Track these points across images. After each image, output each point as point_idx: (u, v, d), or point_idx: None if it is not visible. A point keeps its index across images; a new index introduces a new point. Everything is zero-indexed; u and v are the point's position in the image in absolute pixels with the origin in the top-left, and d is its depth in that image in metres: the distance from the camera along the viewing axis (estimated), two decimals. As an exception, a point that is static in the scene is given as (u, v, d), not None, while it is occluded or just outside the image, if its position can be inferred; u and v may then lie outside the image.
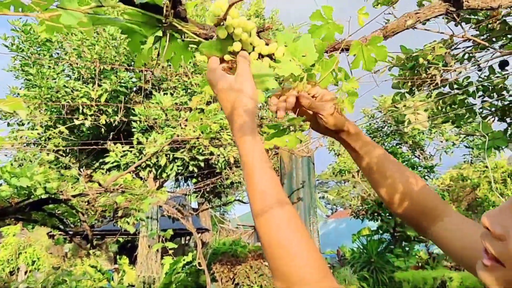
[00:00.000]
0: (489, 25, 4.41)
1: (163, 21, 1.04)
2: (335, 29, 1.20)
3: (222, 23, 1.07)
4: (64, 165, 8.71)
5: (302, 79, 1.10)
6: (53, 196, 3.35)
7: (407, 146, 13.86)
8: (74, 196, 3.35)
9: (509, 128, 4.97)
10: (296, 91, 1.09)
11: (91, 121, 7.10)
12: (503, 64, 4.51)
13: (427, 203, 0.97)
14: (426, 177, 12.18)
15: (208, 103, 3.07)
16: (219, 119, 3.19)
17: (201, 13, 9.20)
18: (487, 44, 4.07)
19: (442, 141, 14.15)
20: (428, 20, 1.38)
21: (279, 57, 1.11)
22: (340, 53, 1.28)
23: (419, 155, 14.05)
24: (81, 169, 3.13)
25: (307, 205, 3.59)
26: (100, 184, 3.38)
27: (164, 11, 1.04)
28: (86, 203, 3.69)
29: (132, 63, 9.50)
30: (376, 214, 10.58)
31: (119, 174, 3.68)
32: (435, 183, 12.35)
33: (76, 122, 3.09)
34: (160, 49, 1.14)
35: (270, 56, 1.10)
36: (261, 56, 1.13)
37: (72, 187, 3.52)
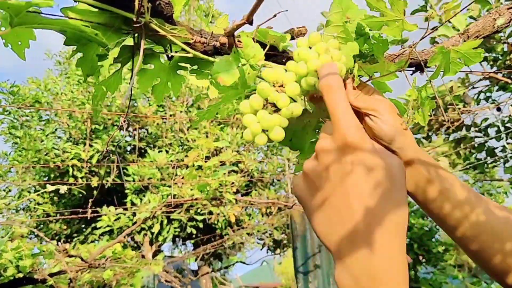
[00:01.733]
0: (507, 62, 4.07)
1: (135, 20, 0.63)
2: (402, 27, 0.79)
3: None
4: (51, 234, 8.15)
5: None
6: (27, 275, 2.82)
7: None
8: (51, 275, 2.83)
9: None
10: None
11: (78, 185, 6.64)
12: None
13: None
14: (437, 227, 11.56)
15: (206, 159, 2.64)
16: (219, 177, 2.75)
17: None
18: (509, 81, 3.73)
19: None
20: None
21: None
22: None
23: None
24: (59, 243, 2.64)
25: (325, 273, 3.08)
26: (82, 259, 2.87)
27: (136, 6, 0.63)
28: (68, 282, 3.15)
29: (126, 122, 9.16)
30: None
31: (106, 245, 3.18)
32: (446, 232, 11.76)
33: (61, 191, 2.69)
34: (134, 70, 0.72)
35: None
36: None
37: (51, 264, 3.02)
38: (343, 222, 0.49)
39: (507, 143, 3.83)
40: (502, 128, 4.01)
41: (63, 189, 2.73)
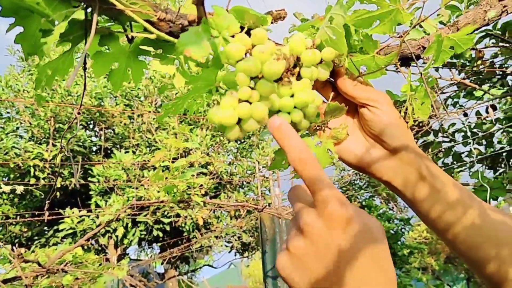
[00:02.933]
0: (474, 68, 4.13)
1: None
2: (396, 20, 0.73)
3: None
4: (11, 237, 7.81)
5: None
6: (-22, 282, 2.65)
7: (380, 198, 13.47)
8: (5, 281, 2.65)
9: (499, 177, 4.59)
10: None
11: (34, 185, 6.37)
12: (494, 107, 4.23)
13: None
14: (403, 230, 11.72)
15: (174, 160, 2.53)
16: (187, 178, 2.64)
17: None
18: (477, 87, 3.77)
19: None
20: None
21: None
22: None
23: (393, 207, 13.65)
24: (14, 247, 2.48)
25: (295, 276, 2.99)
26: (39, 264, 2.71)
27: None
28: (24, 288, 2.97)
29: (92, 121, 8.91)
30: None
31: (66, 249, 3.01)
32: (411, 236, 11.94)
33: (18, 191, 2.53)
34: (86, 51, 0.62)
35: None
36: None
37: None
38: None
39: (474, 148, 3.88)
40: (469, 133, 4.06)
41: (19, 189, 2.56)
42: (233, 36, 0.59)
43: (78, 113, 0.72)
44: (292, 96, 0.60)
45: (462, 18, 0.84)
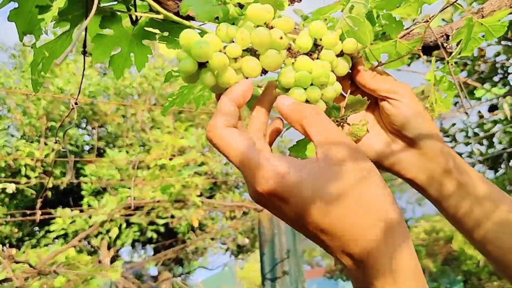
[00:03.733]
0: (475, 67, 4.11)
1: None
2: (422, 1, 0.68)
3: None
4: (1, 237, 7.70)
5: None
6: (-34, 284, 2.57)
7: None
8: (-5, 283, 2.57)
9: (499, 178, 4.58)
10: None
11: (25, 183, 6.28)
12: (492, 109, 4.21)
13: None
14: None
15: (171, 158, 2.46)
16: (185, 177, 2.57)
17: None
18: (479, 86, 3.74)
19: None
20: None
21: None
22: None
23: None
24: (4, 248, 2.40)
25: (293, 279, 2.93)
26: (31, 265, 2.63)
27: None
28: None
29: (85, 120, 8.82)
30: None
31: (58, 250, 2.94)
32: (408, 237, 11.98)
33: (9, 190, 2.47)
34: (87, 34, 0.55)
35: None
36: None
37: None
38: (378, 220, 0.40)
39: (477, 149, 3.85)
40: (470, 133, 4.04)
41: (10, 188, 2.48)
42: (241, 6, 0.53)
43: (76, 103, 0.65)
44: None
45: (487, 5, 0.78)
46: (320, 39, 0.56)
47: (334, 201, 0.39)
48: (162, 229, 7.61)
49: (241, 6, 0.51)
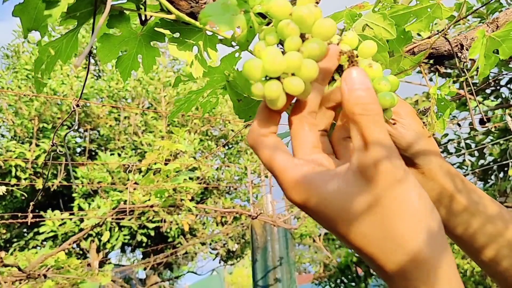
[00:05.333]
0: (467, 79, 4.12)
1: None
2: (437, 14, 0.66)
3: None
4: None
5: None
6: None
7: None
8: (-18, 287, 2.52)
9: (489, 190, 4.61)
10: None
11: (15, 185, 6.20)
12: (483, 121, 4.24)
13: None
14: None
15: (166, 162, 2.43)
16: (180, 182, 2.54)
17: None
18: (471, 98, 3.76)
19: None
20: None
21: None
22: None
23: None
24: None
25: (285, 287, 2.90)
26: (20, 269, 2.58)
27: None
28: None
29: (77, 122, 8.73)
30: (339, 281, 9.91)
31: (48, 253, 2.89)
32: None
33: (0, 192, 2.43)
34: (94, 33, 0.53)
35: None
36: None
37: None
38: (408, 237, 0.36)
39: (469, 160, 3.87)
40: (462, 144, 4.05)
41: (1, 190, 2.44)
42: (263, 16, 0.51)
43: (77, 105, 0.64)
44: None
45: (502, 15, 0.77)
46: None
47: (360, 216, 0.37)
48: (152, 233, 7.55)
49: (262, 15, 0.49)
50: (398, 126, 0.60)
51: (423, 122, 0.67)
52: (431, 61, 0.78)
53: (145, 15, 0.58)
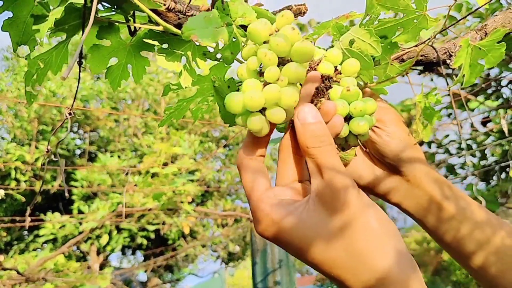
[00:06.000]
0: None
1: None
2: (421, 27, 0.67)
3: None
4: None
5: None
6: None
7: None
8: (-19, 290, 2.52)
9: (491, 190, 4.60)
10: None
11: (15, 188, 6.21)
12: (484, 123, 4.24)
13: None
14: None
15: (164, 165, 2.44)
16: (178, 185, 2.55)
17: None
18: (472, 98, 3.76)
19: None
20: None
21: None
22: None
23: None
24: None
25: (285, 290, 2.91)
26: (19, 272, 2.58)
27: None
28: (1, 297, 2.84)
29: (77, 124, 8.75)
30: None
31: (47, 256, 2.89)
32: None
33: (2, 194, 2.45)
34: (79, 46, 0.54)
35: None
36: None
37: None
38: (376, 258, 0.39)
39: (470, 161, 3.86)
40: (464, 145, 4.05)
41: (0, 194, 2.44)
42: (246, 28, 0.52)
43: (70, 114, 0.64)
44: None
45: (491, 23, 0.78)
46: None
47: (333, 238, 0.39)
48: (152, 236, 7.54)
49: (245, 28, 0.50)
50: (382, 134, 0.60)
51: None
52: (420, 68, 0.79)
53: (134, 27, 0.58)
